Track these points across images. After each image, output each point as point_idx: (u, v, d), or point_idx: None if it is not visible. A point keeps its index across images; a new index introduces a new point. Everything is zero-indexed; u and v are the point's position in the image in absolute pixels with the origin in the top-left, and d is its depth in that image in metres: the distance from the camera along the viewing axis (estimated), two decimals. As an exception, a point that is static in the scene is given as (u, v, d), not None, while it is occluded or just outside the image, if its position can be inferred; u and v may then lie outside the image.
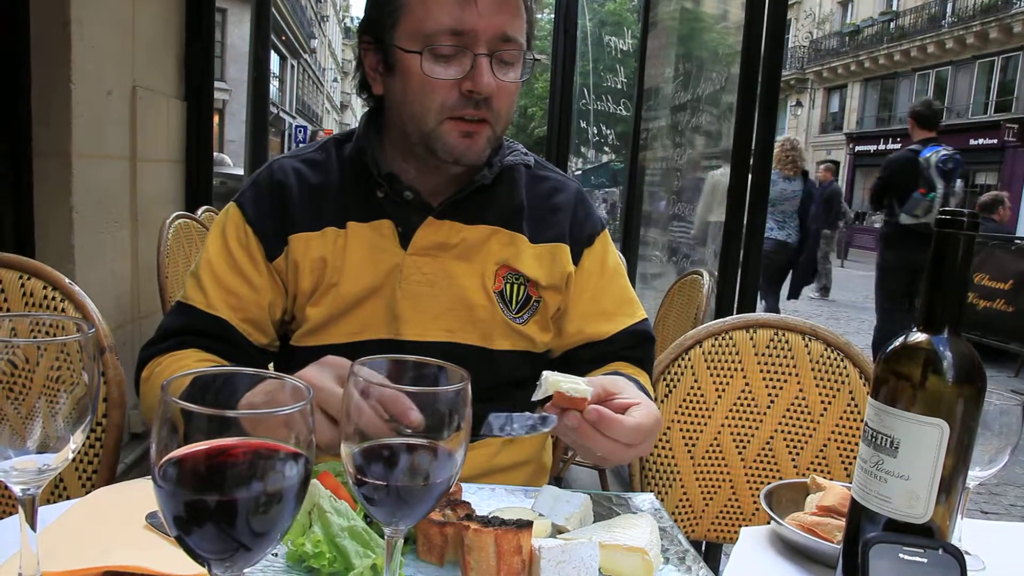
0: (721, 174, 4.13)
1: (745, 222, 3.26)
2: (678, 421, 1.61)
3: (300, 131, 28.83)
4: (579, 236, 1.38)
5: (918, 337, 0.83)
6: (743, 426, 1.61)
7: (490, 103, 1.18)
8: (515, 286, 1.30)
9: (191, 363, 1.21)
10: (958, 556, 0.80)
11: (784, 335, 1.61)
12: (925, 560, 0.80)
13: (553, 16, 4.65)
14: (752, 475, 1.61)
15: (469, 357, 1.25)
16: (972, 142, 23.98)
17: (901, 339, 0.84)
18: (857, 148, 30.63)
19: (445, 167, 1.25)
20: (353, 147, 1.31)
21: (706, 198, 4.20)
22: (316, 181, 1.29)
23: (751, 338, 1.61)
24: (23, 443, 0.68)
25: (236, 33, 20.40)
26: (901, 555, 0.80)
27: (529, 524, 0.84)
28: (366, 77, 1.29)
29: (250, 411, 0.52)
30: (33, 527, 0.71)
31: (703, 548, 1.76)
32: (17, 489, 0.69)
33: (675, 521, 1.05)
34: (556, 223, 1.36)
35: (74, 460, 1.36)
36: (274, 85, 29.39)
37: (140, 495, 0.94)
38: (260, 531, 0.54)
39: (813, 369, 1.60)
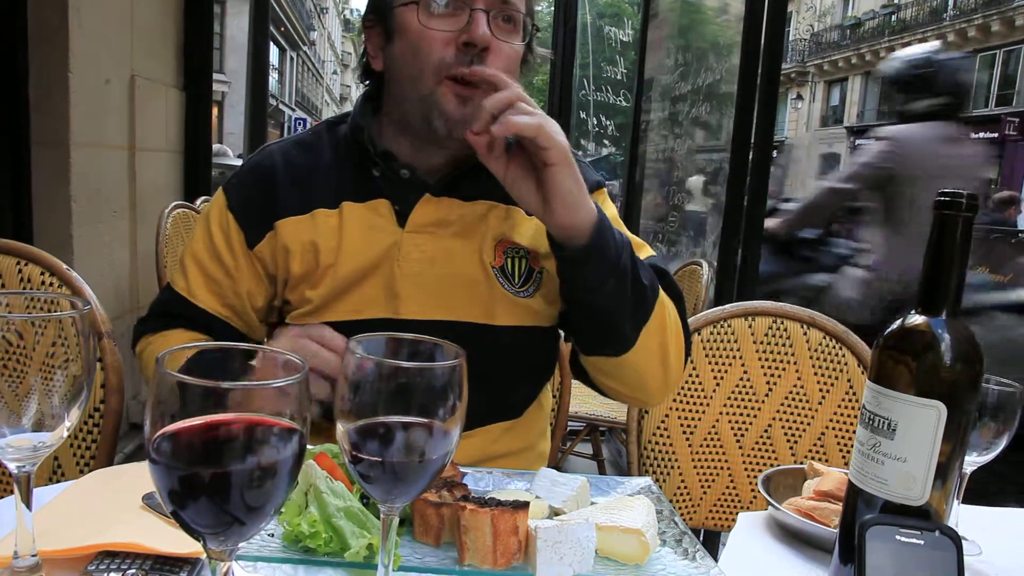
0: (694, 180, 4.38)
1: (744, 213, 3.26)
2: (676, 409, 1.61)
3: (299, 123, 28.79)
4: None
5: (916, 319, 0.83)
6: (741, 414, 1.61)
7: (485, 62, 1.16)
8: (516, 260, 1.28)
9: (176, 341, 1.27)
10: (955, 538, 0.80)
11: (783, 323, 1.61)
12: (922, 542, 0.80)
13: (553, 8, 4.64)
14: (750, 463, 1.62)
15: (471, 335, 1.22)
16: (972, 136, 23.93)
17: (899, 321, 0.84)
18: (858, 142, 30.57)
19: (441, 142, 1.23)
20: (348, 126, 1.31)
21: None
22: (306, 163, 1.29)
23: (749, 326, 1.61)
24: (18, 421, 0.68)
25: (235, 25, 20.33)
26: (898, 537, 0.80)
27: (525, 505, 0.84)
28: (369, 61, 1.29)
29: (245, 383, 0.52)
30: (28, 505, 0.71)
31: (701, 536, 1.76)
32: (12, 466, 0.69)
33: (674, 509, 1.05)
34: None
35: (72, 446, 1.36)
36: (273, 77, 29.35)
37: (137, 477, 0.93)
38: (254, 505, 0.54)
39: (811, 357, 1.60)
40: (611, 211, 1.39)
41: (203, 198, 3.75)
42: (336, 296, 1.24)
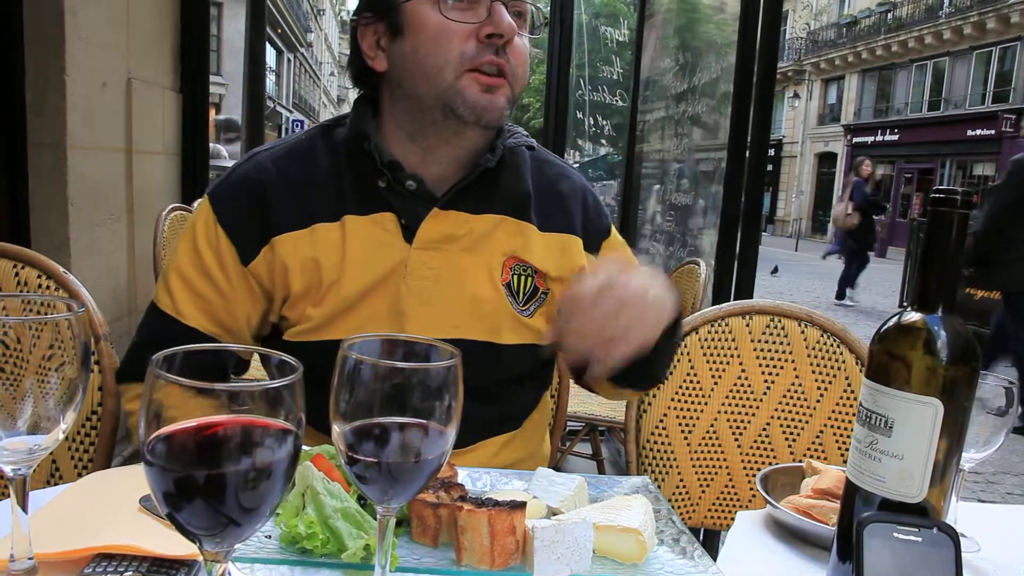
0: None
1: (742, 211, 3.26)
2: (674, 408, 1.61)
3: (297, 125, 28.75)
4: (596, 228, 1.35)
5: (912, 316, 0.83)
6: (739, 413, 1.61)
7: (508, 55, 1.15)
8: (522, 277, 1.25)
9: None
10: (953, 535, 0.80)
11: (780, 321, 1.61)
12: (920, 539, 0.80)
13: (548, 7, 4.64)
14: (749, 462, 1.62)
15: (476, 353, 1.18)
16: (969, 133, 23.99)
17: (895, 318, 0.84)
18: (855, 140, 30.62)
19: (460, 132, 1.20)
20: (349, 133, 1.23)
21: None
22: (301, 173, 1.22)
23: (747, 324, 1.61)
24: (14, 424, 0.68)
25: (232, 27, 20.31)
26: (896, 534, 0.80)
27: (523, 505, 0.84)
28: (363, 63, 1.22)
29: (238, 384, 0.52)
30: (24, 508, 0.71)
31: (700, 535, 1.76)
32: (8, 469, 0.69)
33: (672, 508, 1.05)
34: (565, 212, 1.31)
35: (70, 449, 1.36)
36: (270, 79, 29.31)
37: (134, 479, 0.93)
38: (249, 507, 0.54)
39: (809, 355, 1.60)
40: (626, 251, 1.41)
41: (200, 200, 3.74)
42: (339, 314, 1.19)
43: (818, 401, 1.59)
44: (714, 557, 0.92)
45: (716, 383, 1.61)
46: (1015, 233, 4.48)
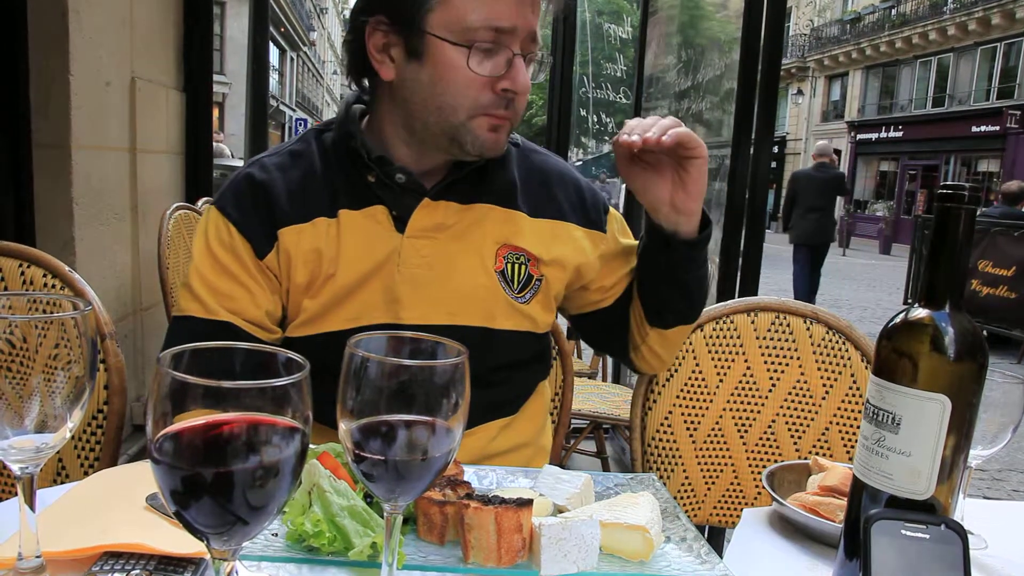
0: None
1: (746, 208, 3.25)
2: (680, 405, 1.60)
3: (300, 124, 28.77)
4: (593, 206, 1.39)
5: (919, 313, 0.82)
6: (745, 410, 1.61)
7: (515, 102, 1.19)
8: (516, 265, 1.28)
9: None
10: (960, 532, 0.80)
11: (785, 318, 1.61)
12: (927, 536, 0.80)
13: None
14: (754, 459, 1.61)
15: (471, 339, 1.17)
16: (974, 129, 23.90)
17: (902, 315, 0.84)
18: (859, 136, 30.54)
19: (449, 154, 1.25)
20: (337, 134, 1.28)
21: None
22: (300, 172, 1.26)
23: (752, 322, 1.61)
24: (21, 422, 0.68)
25: (235, 26, 20.35)
26: (903, 531, 0.80)
27: (529, 502, 0.84)
28: (366, 59, 1.22)
29: (246, 383, 0.52)
30: (32, 507, 0.71)
31: (706, 533, 1.76)
32: (16, 467, 0.69)
33: (678, 505, 1.04)
34: (553, 199, 1.34)
35: (76, 448, 1.36)
36: (273, 78, 29.36)
37: (140, 477, 0.93)
38: (257, 505, 0.54)
39: (815, 352, 1.60)
40: (626, 230, 1.46)
41: (204, 199, 3.75)
42: (335, 304, 1.23)
43: (823, 398, 1.59)
44: (719, 555, 0.92)
45: (721, 380, 1.60)
46: (795, 210, 8.72)
